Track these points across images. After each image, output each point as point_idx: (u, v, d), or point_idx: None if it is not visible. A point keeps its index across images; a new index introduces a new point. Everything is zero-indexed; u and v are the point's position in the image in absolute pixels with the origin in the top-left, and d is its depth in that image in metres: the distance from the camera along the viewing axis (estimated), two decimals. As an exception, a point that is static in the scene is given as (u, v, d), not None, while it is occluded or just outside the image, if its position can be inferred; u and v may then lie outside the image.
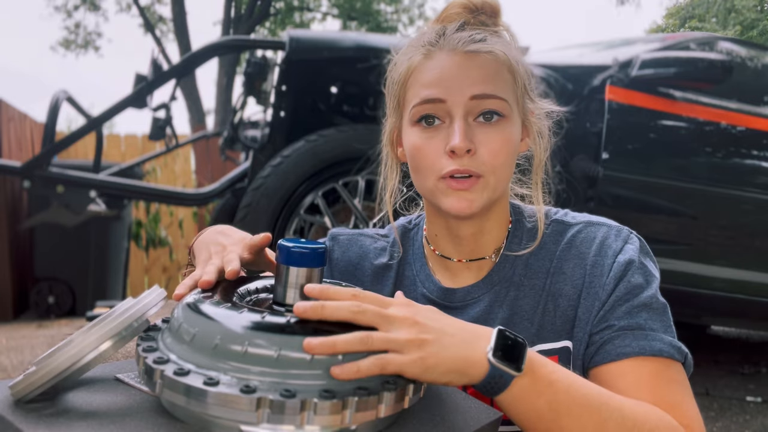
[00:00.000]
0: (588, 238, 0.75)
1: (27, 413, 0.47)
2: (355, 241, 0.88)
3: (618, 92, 2.10)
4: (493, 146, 0.70)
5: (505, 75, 0.71)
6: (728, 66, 2.01)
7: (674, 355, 0.66)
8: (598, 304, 0.70)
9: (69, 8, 12.67)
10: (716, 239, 2.27)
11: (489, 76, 0.70)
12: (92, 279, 3.91)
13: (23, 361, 2.59)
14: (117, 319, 0.51)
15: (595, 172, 2.08)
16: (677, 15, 3.08)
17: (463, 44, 0.71)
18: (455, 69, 0.70)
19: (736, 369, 2.95)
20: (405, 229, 0.88)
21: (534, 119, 0.77)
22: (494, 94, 0.70)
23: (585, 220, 0.77)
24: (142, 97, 2.49)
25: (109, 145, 5.29)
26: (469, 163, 0.69)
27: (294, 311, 0.51)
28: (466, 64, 0.70)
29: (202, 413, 0.46)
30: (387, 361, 0.49)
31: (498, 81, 0.70)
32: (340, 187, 2.12)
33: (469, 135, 0.69)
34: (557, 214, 0.80)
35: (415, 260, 0.84)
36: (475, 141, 0.70)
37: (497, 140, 0.70)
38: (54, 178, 2.48)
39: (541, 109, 0.78)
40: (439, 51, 0.72)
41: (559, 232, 0.77)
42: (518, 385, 0.54)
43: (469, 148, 0.69)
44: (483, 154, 0.70)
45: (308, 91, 2.45)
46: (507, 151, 0.71)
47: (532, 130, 0.77)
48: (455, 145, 0.68)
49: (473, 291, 0.77)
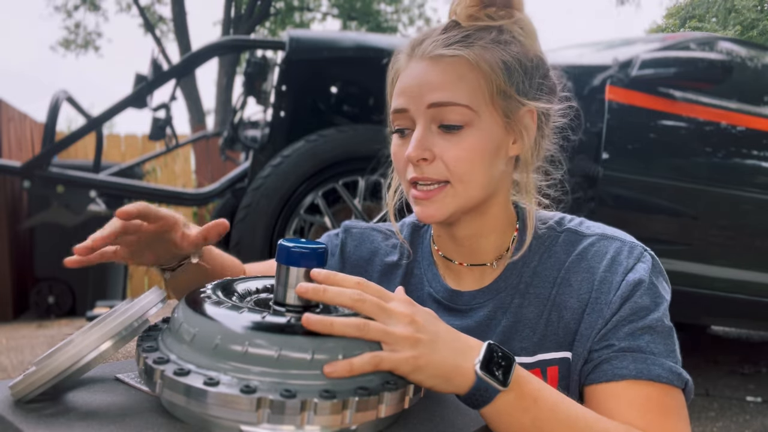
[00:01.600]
0: (600, 252, 0.73)
1: (27, 413, 0.47)
2: (367, 236, 0.88)
3: (618, 92, 2.10)
4: (453, 154, 0.69)
5: (470, 79, 0.69)
6: (728, 66, 2.00)
7: (673, 381, 0.64)
8: (602, 321, 0.69)
9: (69, 8, 12.68)
10: (716, 239, 2.27)
11: (448, 83, 0.69)
12: (92, 279, 3.91)
13: (23, 361, 2.59)
14: (117, 319, 0.51)
15: (595, 172, 2.08)
16: (677, 15, 3.08)
17: (432, 48, 0.70)
18: (418, 77, 0.70)
19: (736, 369, 2.95)
20: (415, 227, 0.87)
21: (529, 119, 0.73)
22: (452, 102, 0.68)
23: (599, 233, 0.75)
24: (142, 97, 2.49)
25: (109, 145, 5.29)
26: (428, 170, 0.70)
27: (296, 290, 0.52)
28: (427, 71, 0.70)
29: (202, 413, 0.46)
30: (381, 359, 0.50)
31: (459, 87, 0.69)
32: (340, 187, 2.12)
33: (426, 143, 0.69)
34: (572, 222, 0.78)
35: (423, 259, 0.84)
36: (434, 149, 0.70)
37: (457, 149, 0.69)
38: (54, 178, 2.48)
39: (543, 107, 0.74)
40: (414, 57, 0.72)
41: (571, 242, 0.75)
42: (503, 400, 0.54)
43: (424, 157, 0.69)
44: (446, 161, 0.69)
45: (308, 91, 2.45)
46: (472, 159, 0.69)
47: (517, 129, 0.73)
48: (408, 154, 0.70)
49: (479, 296, 0.77)
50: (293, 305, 0.56)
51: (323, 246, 0.57)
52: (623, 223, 0.78)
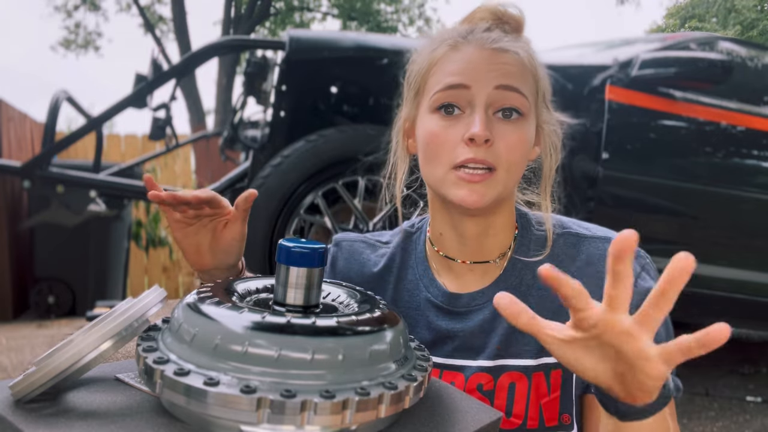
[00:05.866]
0: (605, 256, 0.73)
1: (27, 413, 0.47)
2: (356, 249, 0.88)
3: (618, 92, 2.10)
4: (510, 141, 0.70)
5: (529, 77, 0.73)
6: (728, 66, 2.00)
7: (673, 392, 0.66)
8: None
9: (69, 8, 12.69)
10: (716, 239, 2.27)
11: (515, 73, 0.71)
12: (92, 279, 3.91)
13: (23, 361, 2.59)
14: (117, 319, 0.51)
15: (595, 172, 2.08)
16: (677, 15, 3.08)
17: (491, 42, 0.72)
18: (483, 60, 0.71)
19: (736, 369, 2.95)
20: (407, 234, 0.87)
21: (548, 130, 0.77)
22: (518, 89, 0.71)
23: (601, 235, 0.76)
24: (142, 97, 2.49)
25: (109, 145, 5.29)
26: (485, 153, 0.69)
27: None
28: (493, 57, 0.71)
29: (202, 413, 0.46)
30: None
31: (522, 79, 0.72)
32: (340, 187, 2.12)
33: (489, 126, 0.70)
34: (570, 225, 0.79)
35: (417, 264, 0.83)
36: (493, 133, 0.70)
37: (514, 136, 0.71)
38: (54, 178, 2.48)
39: (555, 122, 0.78)
40: (467, 44, 0.73)
41: (572, 244, 0.76)
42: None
43: (488, 138, 0.69)
44: (500, 148, 0.70)
45: (308, 91, 2.45)
46: (522, 150, 0.72)
47: (544, 139, 0.78)
48: (475, 132, 0.68)
49: (478, 297, 0.77)
50: (293, 305, 0.56)
51: (323, 246, 0.57)
52: (623, 224, 0.78)
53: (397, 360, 0.53)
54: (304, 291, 0.57)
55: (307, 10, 13.56)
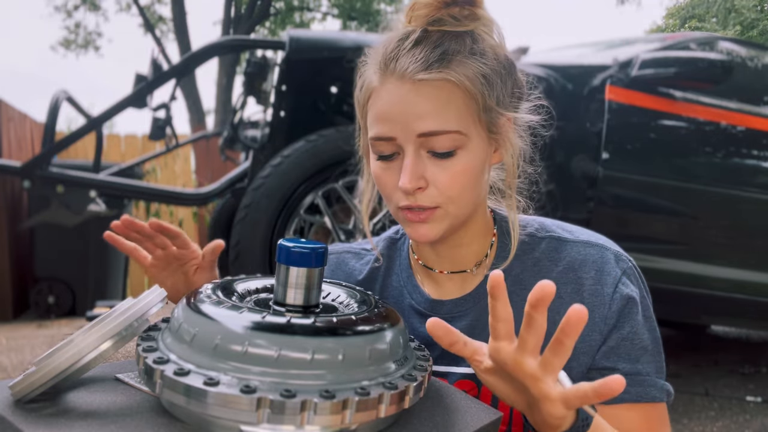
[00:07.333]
0: (587, 261, 0.72)
1: (27, 413, 0.47)
2: (342, 261, 0.89)
3: (618, 92, 2.10)
4: (445, 180, 0.67)
5: (459, 101, 0.66)
6: (728, 66, 2.00)
7: (663, 398, 0.70)
8: (599, 337, 0.70)
9: (69, 8, 12.69)
10: (716, 239, 2.27)
11: (438, 109, 0.65)
12: (92, 279, 3.91)
13: (23, 361, 2.59)
14: (117, 319, 0.51)
15: (595, 172, 2.08)
16: (677, 15, 3.08)
17: (413, 71, 0.65)
18: (403, 104, 0.66)
19: (736, 369, 2.95)
20: (392, 240, 0.87)
21: (507, 129, 0.71)
22: (443, 130, 0.65)
23: (583, 240, 0.75)
24: (142, 97, 2.49)
25: (109, 145, 5.29)
26: (421, 198, 0.68)
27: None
28: (412, 97, 0.65)
29: (202, 413, 0.46)
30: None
31: (449, 112, 0.65)
32: (340, 187, 2.12)
33: (418, 172, 0.67)
34: (552, 228, 0.77)
35: (402, 270, 0.83)
36: (427, 175, 0.67)
37: (449, 173, 0.67)
38: (54, 178, 2.48)
39: (521, 114, 0.73)
40: (391, 76, 0.67)
41: (554, 248, 0.75)
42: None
43: (419, 186, 0.67)
44: (437, 188, 0.68)
45: (308, 91, 2.45)
46: (463, 181, 0.68)
47: (504, 141, 0.71)
48: (402, 185, 0.66)
49: (461, 304, 0.77)
50: (293, 305, 0.56)
51: (323, 246, 0.57)
52: (623, 223, 0.78)
53: (397, 360, 0.53)
54: (304, 291, 0.57)
55: (307, 10, 13.56)
